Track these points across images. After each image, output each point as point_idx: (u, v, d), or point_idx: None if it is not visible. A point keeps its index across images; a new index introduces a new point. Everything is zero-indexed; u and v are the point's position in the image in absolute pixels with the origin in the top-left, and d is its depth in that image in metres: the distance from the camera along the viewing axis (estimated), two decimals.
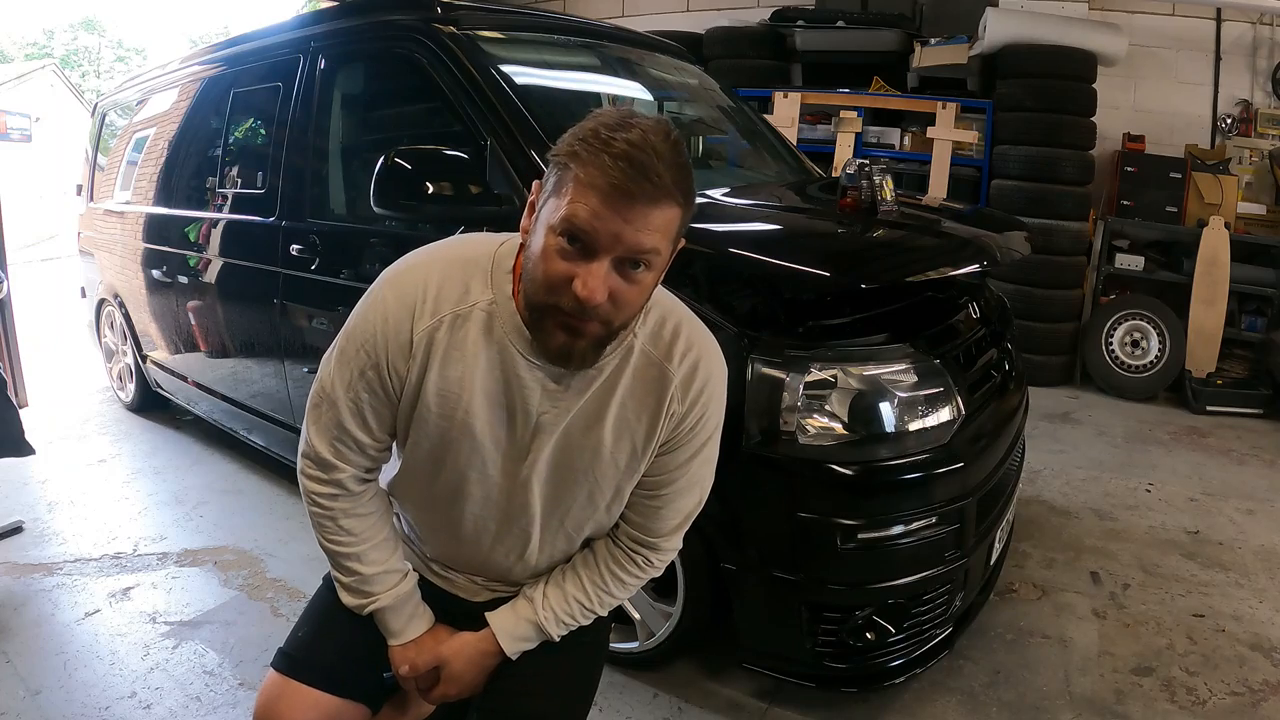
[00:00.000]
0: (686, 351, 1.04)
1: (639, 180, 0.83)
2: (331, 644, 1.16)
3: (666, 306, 1.06)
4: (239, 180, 2.85)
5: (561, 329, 0.91)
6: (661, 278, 0.97)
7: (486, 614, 1.15)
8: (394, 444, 1.13)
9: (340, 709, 1.13)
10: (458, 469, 1.06)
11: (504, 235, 1.05)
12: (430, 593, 1.20)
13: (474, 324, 0.99)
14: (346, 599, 1.14)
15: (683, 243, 0.97)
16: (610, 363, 1.01)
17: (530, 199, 0.95)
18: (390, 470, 1.16)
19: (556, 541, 1.15)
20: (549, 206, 0.89)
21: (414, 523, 1.21)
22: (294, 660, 1.14)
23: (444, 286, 0.99)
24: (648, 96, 2.91)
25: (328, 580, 1.21)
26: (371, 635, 1.16)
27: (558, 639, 1.15)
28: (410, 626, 1.15)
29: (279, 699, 1.11)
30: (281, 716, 1.10)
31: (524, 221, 0.96)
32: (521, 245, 0.98)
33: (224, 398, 3.05)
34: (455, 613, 1.20)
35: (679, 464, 1.09)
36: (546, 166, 0.92)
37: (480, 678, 1.15)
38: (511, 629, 1.14)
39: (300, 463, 1.11)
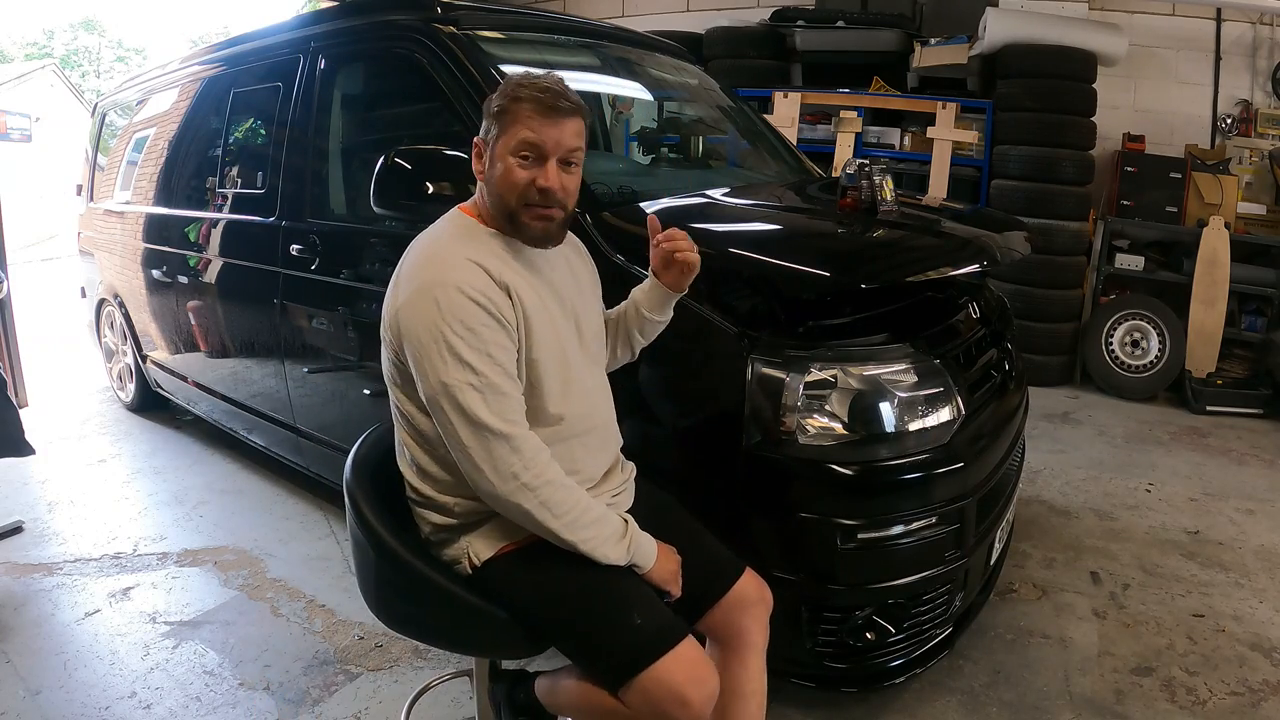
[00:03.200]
0: None
1: (559, 100, 1.19)
2: (652, 609, 1.22)
3: None
4: (239, 180, 2.85)
5: (537, 220, 1.23)
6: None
7: None
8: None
9: (695, 646, 1.20)
10: (570, 359, 1.29)
11: (436, 230, 1.30)
12: None
13: (500, 255, 1.24)
14: (613, 553, 1.21)
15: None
16: (579, 246, 1.45)
17: (476, 150, 1.26)
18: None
19: (607, 387, 1.42)
20: (500, 143, 1.21)
21: (563, 462, 1.25)
22: (653, 641, 1.16)
23: (477, 252, 1.22)
24: (648, 96, 2.91)
25: (563, 594, 1.23)
26: (639, 588, 1.24)
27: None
28: (648, 543, 1.27)
29: (694, 665, 1.16)
30: (701, 680, 1.15)
31: (476, 166, 1.26)
32: (469, 208, 1.31)
33: (224, 398, 3.05)
34: None
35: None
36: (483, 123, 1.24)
37: None
38: None
39: (498, 474, 1.16)
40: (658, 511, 1.41)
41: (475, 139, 1.26)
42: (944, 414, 1.66)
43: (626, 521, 1.26)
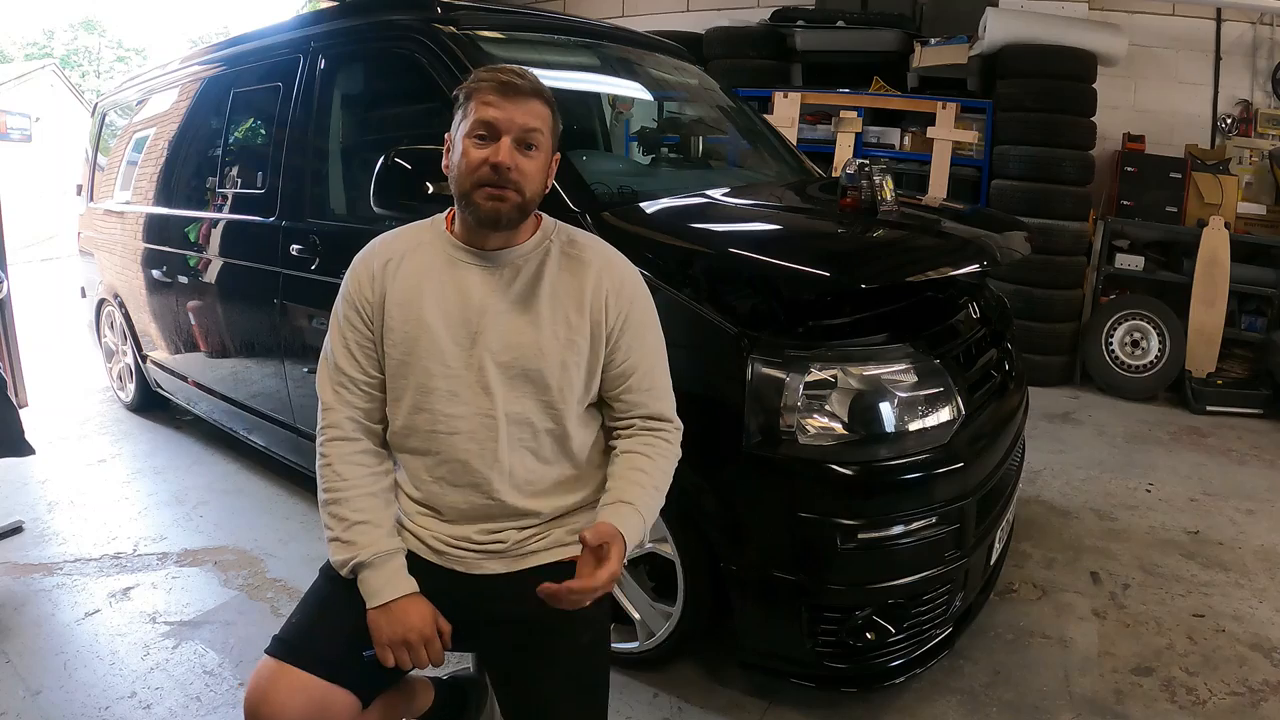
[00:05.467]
0: (598, 248, 1.29)
1: (515, 79, 1.17)
2: (324, 630, 1.20)
3: (585, 234, 1.31)
4: (239, 180, 2.85)
5: (488, 199, 1.16)
6: (552, 168, 1.24)
7: (604, 521, 1.15)
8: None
9: (329, 694, 1.15)
10: (420, 365, 1.20)
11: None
12: (432, 574, 1.23)
13: (423, 248, 1.24)
14: (334, 555, 1.21)
15: (557, 157, 1.25)
16: (534, 259, 1.24)
17: (446, 146, 1.23)
18: (389, 426, 1.27)
19: (520, 433, 1.22)
20: (461, 128, 1.18)
21: (410, 472, 1.26)
22: (287, 645, 1.18)
23: (395, 238, 1.27)
24: (647, 96, 2.91)
25: (323, 569, 1.27)
26: (357, 617, 1.18)
27: (645, 538, 1.26)
28: (389, 587, 1.18)
29: (269, 681, 1.14)
30: (271, 700, 1.12)
31: (445, 160, 1.22)
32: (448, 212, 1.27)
33: (224, 398, 3.05)
34: (457, 594, 1.23)
35: (642, 342, 1.27)
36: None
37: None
38: (623, 522, 1.16)
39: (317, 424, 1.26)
40: (541, 625, 1.20)
41: (446, 135, 1.23)
42: (944, 414, 1.66)
43: (375, 543, 1.19)
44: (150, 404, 3.86)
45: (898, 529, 1.62)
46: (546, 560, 1.25)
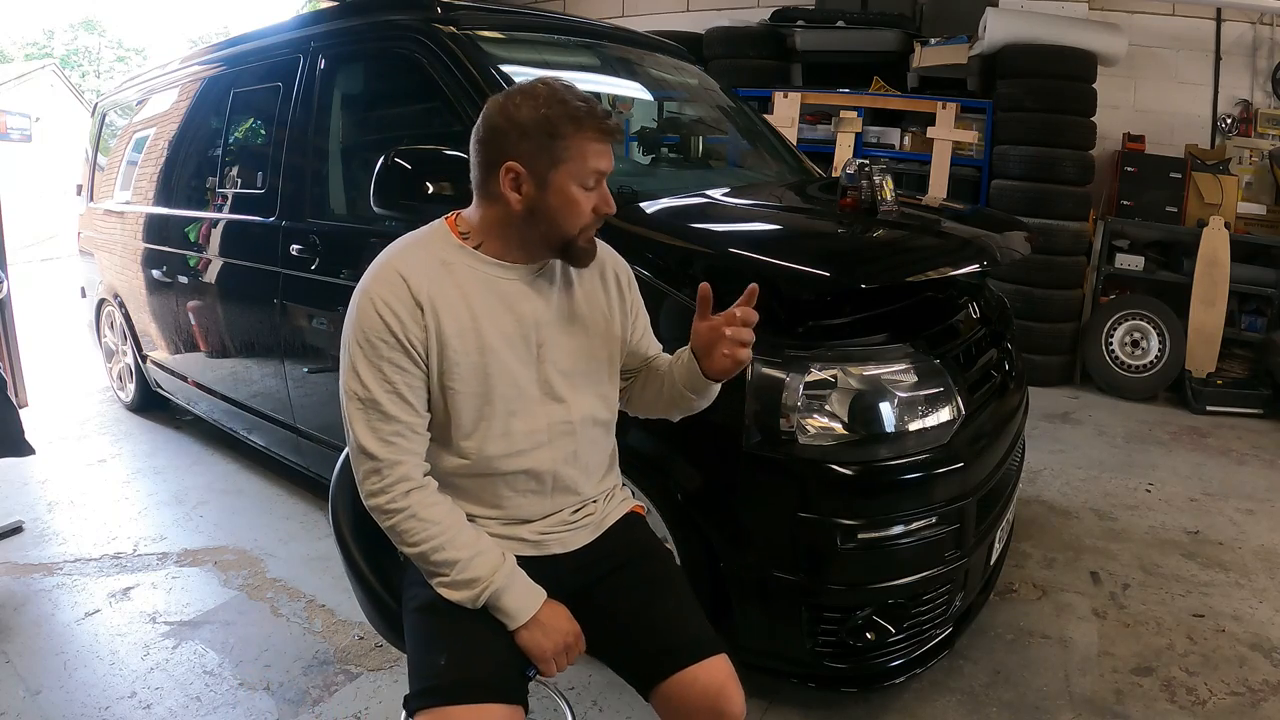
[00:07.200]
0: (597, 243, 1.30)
1: (612, 123, 1.14)
2: (479, 659, 1.13)
3: None
4: (239, 180, 2.85)
5: (590, 241, 1.18)
6: None
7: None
8: (435, 442, 1.21)
9: (508, 716, 1.09)
10: (499, 392, 1.17)
11: (406, 235, 1.23)
12: (537, 571, 1.20)
13: (453, 270, 1.17)
14: (459, 595, 1.14)
15: None
16: (557, 264, 1.24)
17: (511, 173, 1.12)
18: (443, 462, 1.21)
19: (591, 430, 1.27)
20: (562, 171, 1.12)
21: (486, 494, 1.23)
22: (449, 688, 1.10)
23: (413, 261, 1.16)
24: (648, 96, 2.91)
25: (420, 610, 1.20)
26: (500, 635, 1.15)
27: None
28: (527, 602, 1.15)
29: None
30: None
31: (512, 195, 1.13)
32: (454, 216, 1.22)
33: (224, 398, 3.05)
34: (560, 578, 1.23)
35: (646, 317, 1.37)
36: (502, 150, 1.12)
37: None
38: None
39: (363, 488, 1.16)
40: (635, 561, 1.29)
41: (509, 163, 1.11)
42: (944, 414, 1.66)
43: (498, 568, 1.15)
44: (150, 404, 3.86)
45: (898, 529, 1.62)
46: (619, 515, 1.34)
